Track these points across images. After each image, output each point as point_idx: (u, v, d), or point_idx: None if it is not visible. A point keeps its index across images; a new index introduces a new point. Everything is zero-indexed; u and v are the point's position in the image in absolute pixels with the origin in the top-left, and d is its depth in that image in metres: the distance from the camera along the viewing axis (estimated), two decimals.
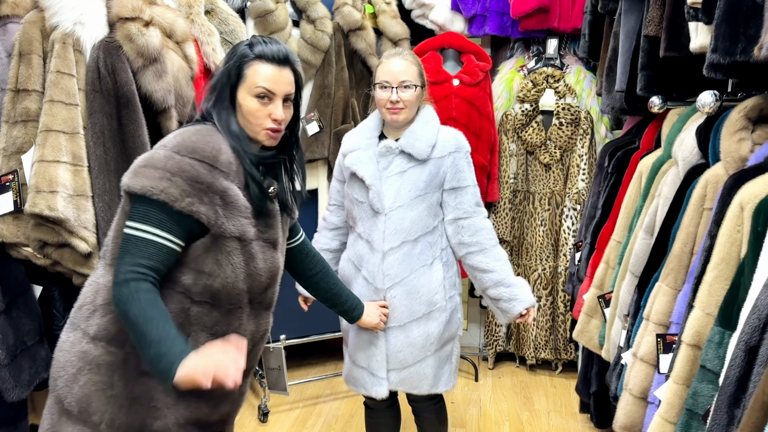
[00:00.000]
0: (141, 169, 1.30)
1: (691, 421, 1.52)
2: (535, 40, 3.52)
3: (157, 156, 1.31)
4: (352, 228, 2.09)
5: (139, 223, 1.30)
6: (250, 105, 1.40)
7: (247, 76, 1.40)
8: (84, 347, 1.34)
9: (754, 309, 1.28)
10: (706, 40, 1.76)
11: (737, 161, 1.68)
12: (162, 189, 1.28)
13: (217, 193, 1.33)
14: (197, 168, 1.31)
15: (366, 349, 2.07)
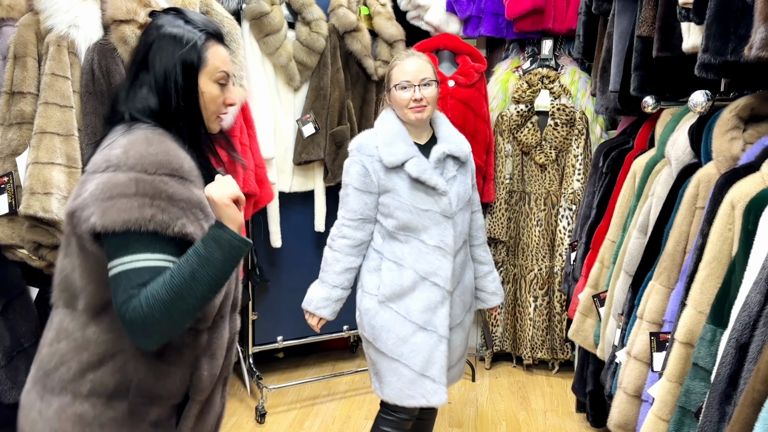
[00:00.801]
0: (110, 202, 1.10)
1: (684, 419, 1.53)
2: (530, 41, 3.53)
3: (120, 181, 1.11)
4: (406, 238, 1.97)
5: (130, 254, 1.12)
6: (213, 92, 1.27)
7: (209, 60, 1.25)
8: (79, 409, 1.17)
9: (744, 306, 1.29)
10: (698, 40, 1.77)
11: (729, 160, 1.69)
12: (150, 218, 1.11)
13: (197, 207, 1.19)
14: (172, 185, 1.15)
15: (423, 353, 1.98)
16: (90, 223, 1.10)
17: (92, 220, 1.10)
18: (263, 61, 2.90)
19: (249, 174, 2.68)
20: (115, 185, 1.11)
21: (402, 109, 1.96)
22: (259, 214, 3.04)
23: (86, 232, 1.12)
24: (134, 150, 1.15)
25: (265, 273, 3.16)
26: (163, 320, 1.10)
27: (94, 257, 1.16)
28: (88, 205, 1.11)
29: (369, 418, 3.04)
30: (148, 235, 1.12)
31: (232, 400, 3.24)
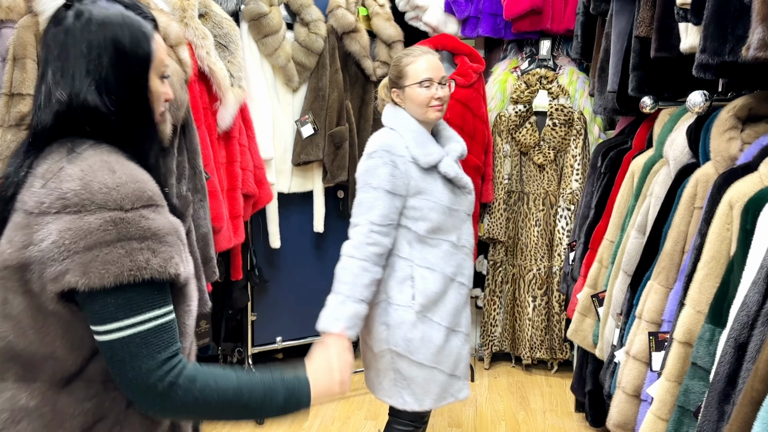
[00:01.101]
0: (89, 255, 0.92)
1: (683, 418, 1.54)
2: (528, 42, 3.54)
3: (93, 226, 0.92)
4: (437, 241, 1.92)
5: (134, 315, 0.95)
6: (159, 89, 1.09)
7: (156, 53, 1.06)
8: None
9: (743, 306, 1.29)
10: (695, 41, 1.77)
11: (727, 160, 1.70)
12: (145, 265, 0.94)
13: (177, 236, 1.02)
14: (154, 218, 0.97)
15: (454, 354, 1.98)
16: (64, 282, 0.91)
17: (68, 278, 0.91)
18: (262, 62, 2.90)
19: (248, 175, 2.69)
20: (89, 232, 0.92)
21: (422, 107, 1.91)
22: (258, 215, 3.05)
23: (52, 293, 0.93)
24: (97, 181, 0.94)
25: (264, 273, 3.16)
26: (195, 412, 1.02)
27: (59, 319, 0.97)
28: (53, 259, 0.91)
29: (368, 419, 3.04)
30: (144, 286, 0.96)
31: None
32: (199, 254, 2.16)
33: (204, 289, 2.16)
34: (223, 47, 2.51)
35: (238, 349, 3.41)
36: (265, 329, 3.24)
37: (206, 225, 2.23)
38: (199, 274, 2.14)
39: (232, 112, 2.52)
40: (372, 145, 1.89)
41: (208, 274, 2.21)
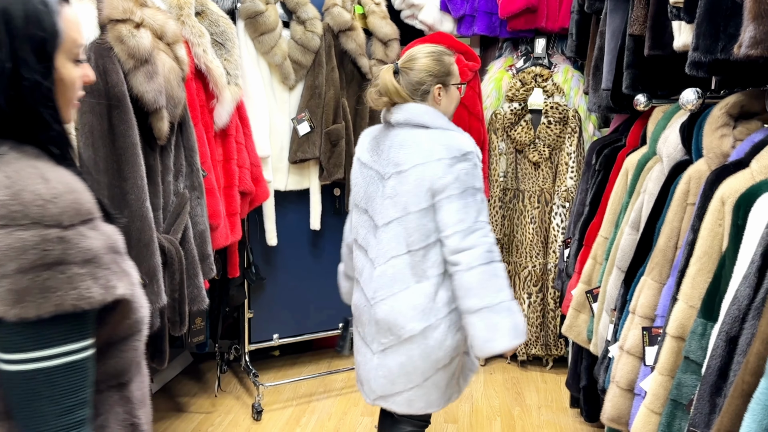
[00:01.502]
0: (23, 279, 0.78)
1: (676, 411, 1.56)
2: (524, 40, 3.56)
3: (27, 243, 0.79)
4: None
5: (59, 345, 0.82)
6: (72, 74, 0.93)
7: (66, 32, 0.90)
8: None
9: (734, 300, 1.31)
10: (688, 39, 1.79)
11: (719, 157, 1.71)
12: (87, 294, 0.82)
13: (112, 251, 0.89)
14: (92, 235, 0.85)
15: None
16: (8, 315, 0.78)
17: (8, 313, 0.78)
18: (258, 60, 2.91)
19: (245, 172, 2.70)
20: (22, 251, 0.78)
21: (454, 106, 1.94)
22: (254, 213, 3.06)
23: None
24: (28, 191, 0.80)
25: (261, 271, 3.17)
26: None
27: None
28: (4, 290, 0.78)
29: (365, 415, 3.06)
30: (76, 315, 0.82)
31: (228, 397, 3.26)
32: (196, 251, 2.17)
33: (201, 286, 2.17)
34: (220, 45, 2.51)
35: (235, 347, 3.43)
36: (262, 326, 3.26)
37: (203, 222, 2.25)
38: (197, 272, 2.15)
39: (228, 109, 2.53)
40: (462, 146, 1.78)
41: (205, 271, 2.22)
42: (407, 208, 1.81)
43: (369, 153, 1.92)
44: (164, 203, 2.05)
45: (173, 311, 2.05)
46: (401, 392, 1.92)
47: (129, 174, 1.86)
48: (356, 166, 2.00)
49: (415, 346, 1.86)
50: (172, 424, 2.98)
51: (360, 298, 1.97)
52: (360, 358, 2.01)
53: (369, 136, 1.99)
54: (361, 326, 1.98)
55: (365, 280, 1.92)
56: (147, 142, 1.98)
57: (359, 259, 1.97)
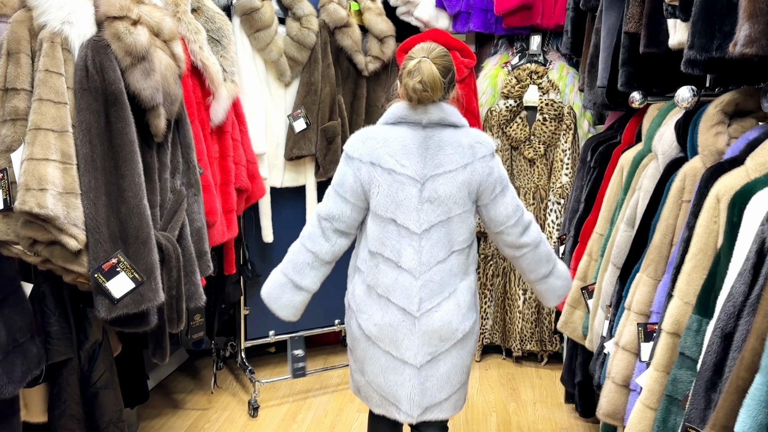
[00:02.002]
0: None
1: (671, 407, 1.57)
2: (519, 37, 3.57)
3: None
4: None
5: None
6: None
7: None
8: None
9: (729, 297, 1.32)
10: (684, 37, 1.80)
11: (714, 154, 1.73)
12: None
13: None
14: None
15: None
16: None
17: None
18: (254, 56, 2.91)
19: (240, 169, 2.70)
20: None
21: None
22: (250, 210, 3.06)
23: None
24: None
25: (257, 268, 3.17)
26: None
27: None
28: None
29: (361, 411, 3.07)
30: None
31: (224, 394, 3.26)
32: (193, 248, 2.16)
33: (198, 282, 2.17)
34: (216, 42, 2.51)
35: (231, 343, 3.43)
36: (258, 323, 3.26)
37: (200, 219, 2.24)
38: (194, 269, 2.15)
39: (224, 106, 2.53)
40: (491, 142, 1.86)
41: (202, 268, 2.22)
42: (452, 210, 1.81)
43: (393, 157, 1.79)
44: (161, 200, 2.05)
45: (171, 308, 2.05)
46: (449, 396, 1.91)
47: (126, 171, 1.85)
48: (373, 173, 1.80)
49: (466, 344, 1.91)
50: (168, 420, 2.99)
51: (393, 315, 1.83)
52: (393, 378, 1.86)
53: (380, 138, 1.82)
54: (391, 345, 1.85)
55: (400, 294, 1.82)
56: (144, 139, 1.97)
57: (387, 275, 1.83)
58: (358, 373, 1.99)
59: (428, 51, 1.80)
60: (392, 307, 1.83)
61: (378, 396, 1.91)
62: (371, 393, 1.93)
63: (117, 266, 1.82)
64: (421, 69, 1.74)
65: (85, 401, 2.12)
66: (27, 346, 1.85)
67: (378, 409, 1.94)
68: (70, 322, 2.03)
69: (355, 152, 1.84)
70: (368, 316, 1.87)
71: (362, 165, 1.82)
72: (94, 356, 2.13)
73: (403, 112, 1.82)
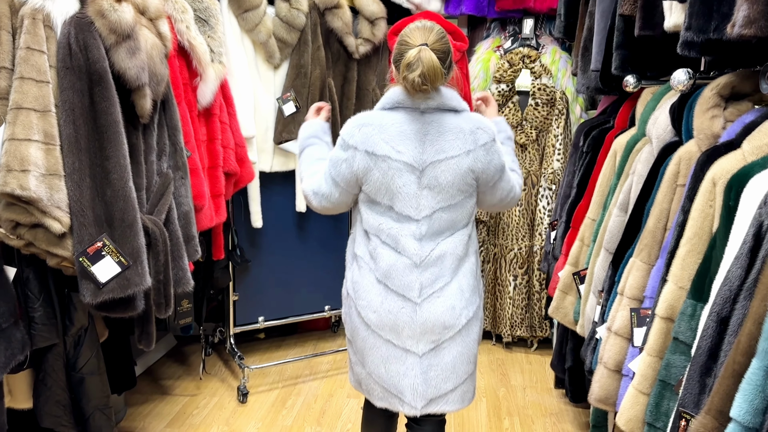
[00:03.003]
0: None
1: (664, 392, 1.56)
2: (512, 20, 3.53)
3: None
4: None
5: None
6: None
7: None
8: None
9: (725, 281, 1.31)
10: (679, 19, 1.78)
11: (710, 138, 1.71)
12: None
13: None
14: None
15: None
16: None
17: None
18: (242, 37, 2.85)
19: (229, 153, 2.65)
20: None
21: None
22: (239, 194, 3.02)
23: None
24: None
25: (246, 253, 3.14)
26: None
27: None
28: None
29: (351, 397, 3.06)
30: None
31: (213, 380, 3.24)
32: (180, 233, 2.13)
33: (186, 267, 2.13)
34: (203, 21, 2.45)
35: (220, 329, 3.40)
36: (247, 309, 3.23)
37: (188, 203, 2.20)
38: (181, 253, 2.12)
39: (212, 88, 2.48)
40: (491, 127, 1.82)
41: (190, 252, 2.19)
42: (454, 197, 1.78)
43: (388, 144, 1.73)
44: (147, 183, 2.00)
45: (158, 293, 2.01)
46: (456, 387, 1.86)
47: (111, 153, 1.81)
48: (368, 162, 1.75)
49: (471, 330, 1.86)
50: (156, 406, 2.96)
51: (392, 302, 1.79)
52: (395, 368, 1.82)
53: (376, 125, 1.75)
54: (392, 333, 1.81)
55: (400, 280, 1.79)
56: (129, 120, 1.93)
57: (385, 260, 1.79)
58: (358, 365, 1.92)
59: (426, 36, 1.71)
60: (391, 294, 1.80)
61: (380, 388, 1.85)
62: (373, 385, 1.87)
63: (102, 250, 1.78)
64: (421, 61, 1.66)
65: (71, 387, 2.09)
66: (10, 332, 1.81)
67: (380, 402, 1.87)
68: (54, 307, 1.98)
69: (351, 139, 1.77)
70: (367, 303, 1.82)
71: (357, 153, 1.76)
72: (79, 342, 2.09)
73: (400, 97, 1.76)
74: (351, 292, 1.89)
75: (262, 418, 2.86)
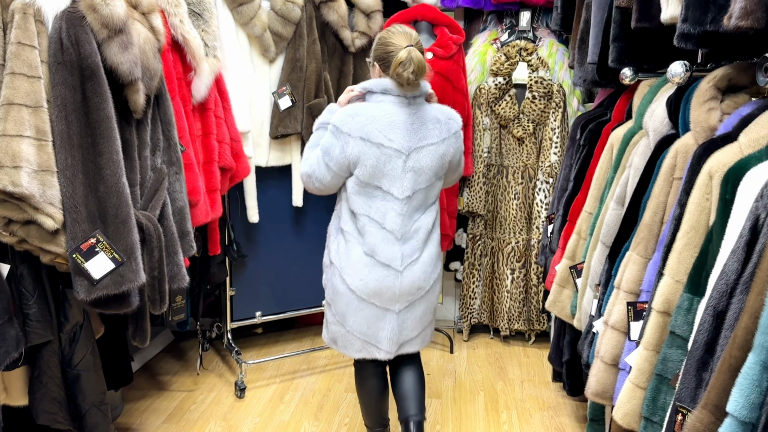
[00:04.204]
0: None
1: (661, 386, 1.56)
2: (508, 13, 3.51)
3: None
4: None
5: None
6: None
7: None
8: None
9: (721, 275, 1.30)
10: (676, 11, 1.76)
11: (706, 131, 1.70)
12: None
13: None
14: None
15: None
16: None
17: None
18: (237, 31, 2.83)
19: (224, 147, 2.64)
20: None
21: None
22: (235, 189, 3.00)
23: None
24: None
25: (243, 248, 3.13)
26: None
27: None
28: None
29: (349, 391, 3.06)
30: None
31: (210, 375, 3.23)
32: (175, 228, 2.11)
33: (181, 263, 2.12)
34: (197, 15, 2.44)
35: (217, 324, 3.39)
36: (244, 304, 3.22)
37: (182, 198, 2.19)
38: (176, 249, 2.11)
39: (207, 82, 2.46)
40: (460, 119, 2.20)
41: (185, 248, 2.18)
42: (430, 178, 2.10)
43: (381, 132, 2.01)
44: (141, 179, 1.99)
45: (153, 289, 2.00)
46: (420, 333, 2.25)
47: (104, 148, 1.79)
48: (362, 147, 2.00)
49: (436, 288, 2.25)
50: (153, 402, 2.96)
51: (379, 272, 2.09)
52: (376, 324, 2.15)
53: (368, 116, 2.01)
54: (376, 297, 2.12)
55: (385, 253, 2.08)
56: (122, 115, 1.91)
57: (373, 235, 2.07)
58: (336, 325, 2.20)
59: (408, 39, 2.02)
60: (378, 265, 2.09)
61: (360, 342, 2.17)
62: (352, 340, 2.18)
63: (96, 246, 1.77)
64: (412, 59, 1.97)
65: (67, 384, 2.08)
66: (5, 329, 1.80)
67: (358, 354, 2.19)
68: (49, 304, 1.98)
69: (345, 126, 2.01)
70: (354, 272, 2.10)
71: (350, 139, 2.00)
72: (75, 338, 2.08)
73: (389, 86, 2.05)
74: (335, 261, 2.15)
75: (260, 413, 2.86)
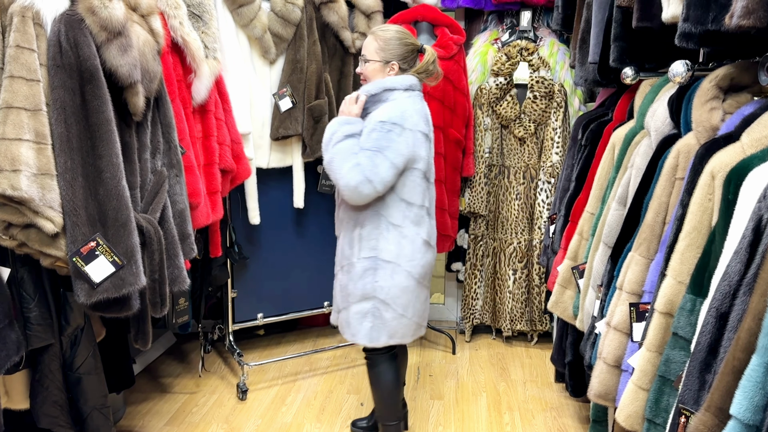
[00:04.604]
0: None
1: (664, 387, 1.55)
2: (509, 13, 3.50)
3: None
4: None
5: None
6: None
7: None
8: None
9: (724, 276, 1.29)
10: (677, 10, 1.75)
11: (708, 130, 1.69)
12: None
13: None
14: None
15: None
16: None
17: None
18: (237, 32, 2.83)
19: (225, 149, 2.63)
20: None
21: None
22: (236, 191, 3.00)
23: None
24: None
25: (244, 250, 3.12)
26: None
27: None
28: None
29: (351, 393, 3.05)
30: None
31: (212, 377, 3.23)
32: (176, 231, 2.11)
33: (182, 266, 2.12)
34: (197, 17, 2.43)
35: (219, 326, 3.39)
36: (246, 306, 3.22)
37: (183, 201, 2.19)
38: (177, 252, 2.10)
39: (207, 84, 2.45)
40: None
41: (185, 251, 2.17)
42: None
43: (427, 125, 2.22)
44: (141, 181, 1.99)
45: (153, 293, 2.00)
46: None
47: (104, 151, 1.79)
48: (422, 141, 2.17)
49: None
50: (156, 404, 2.95)
51: (431, 254, 2.30)
52: (426, 303, 2.34)
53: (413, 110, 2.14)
54: (427, 278, 2.31)
55: (431, 234, 2.30)
56: (122, 118, 1.91)
57: (428, 222, 2.27)
58: (397, 319, 2.23)
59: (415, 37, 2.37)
60: (431, 248, 2.28)
61: (414, 325, 2.29)
62: (410, 327, 2.27)
63: (96, 249, 1.76)
64: (435, 56, 2.24)
65: (68, 387, 2.08)
66: (5, 333, 1.80)
67: (411, 338, 2.30)
68: (50, 307, 1.97)
69: (406, 123, 2.10)
70: (417, 261, 2.21)
71: (414, 133, 2.12)
72: (76, 342, 2.08)
73: (413, 82, 2.20)
74: (393, 258, 2.17)
75: (262, 415, 2.85)
